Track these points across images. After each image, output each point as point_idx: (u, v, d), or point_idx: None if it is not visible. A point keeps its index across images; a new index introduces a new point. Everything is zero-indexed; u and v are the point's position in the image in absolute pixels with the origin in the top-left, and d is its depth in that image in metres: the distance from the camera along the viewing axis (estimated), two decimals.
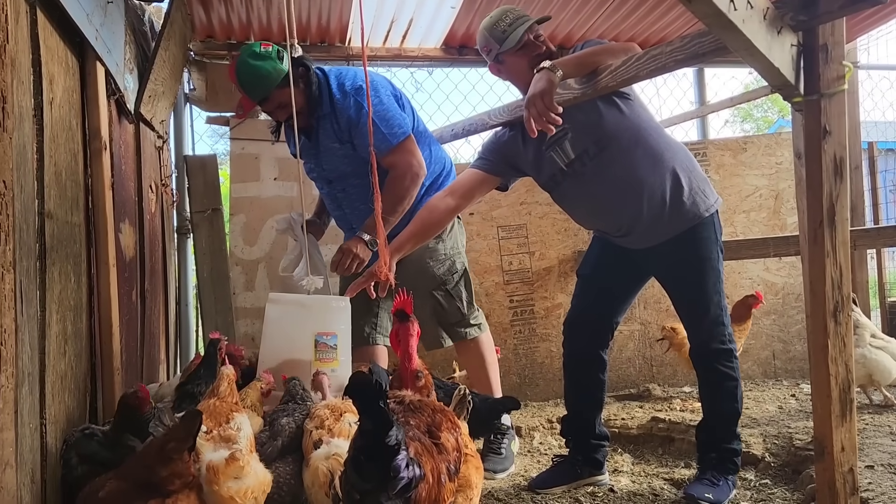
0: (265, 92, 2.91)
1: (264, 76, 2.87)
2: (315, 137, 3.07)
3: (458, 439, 1.58)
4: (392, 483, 1.30)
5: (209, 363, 2.40)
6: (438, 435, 1.53)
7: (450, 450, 1.53)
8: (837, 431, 1.51)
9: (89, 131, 2.49)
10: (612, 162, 2.54)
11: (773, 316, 4.50)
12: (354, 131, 2.95)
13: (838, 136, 1.54)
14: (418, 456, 1.40)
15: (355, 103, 2.93)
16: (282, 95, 2.90)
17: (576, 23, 4.27)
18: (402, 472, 1.31)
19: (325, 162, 3.09)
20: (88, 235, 2.47)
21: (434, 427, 1.54)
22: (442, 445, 1.51)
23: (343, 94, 2.96)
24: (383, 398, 1.29)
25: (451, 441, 1.55)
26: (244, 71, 2.88)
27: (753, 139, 4.65)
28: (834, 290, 1.51)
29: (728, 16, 1.26)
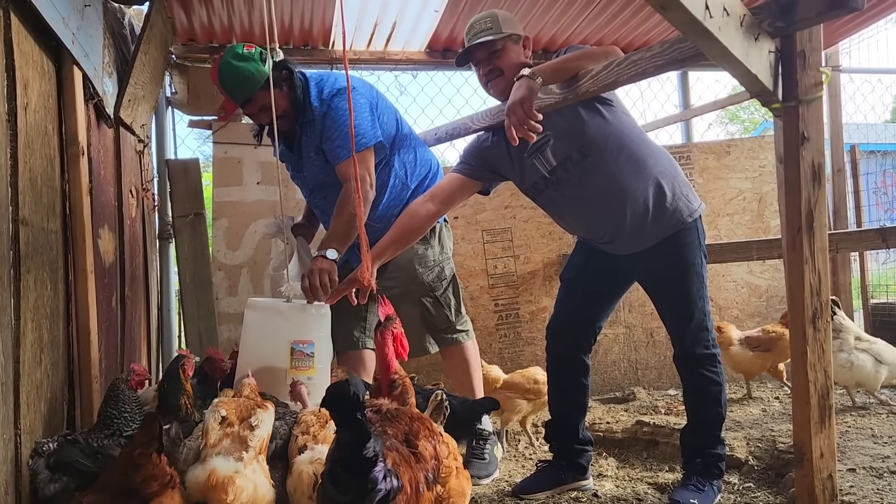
0: (248, 94, 2.87)
1: (247, 78, 2.83)
2: (297, 144, 3.04)
3: (436, 447, 1.56)
4: (370, 495, 1.29)
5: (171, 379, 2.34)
6: (416, 444, 1.52)
7: (427, 458, 1.52)
8: (816, 438, 1.51)
9: (66, 136, 2.45)
10: (595, 169, 2.54)
11: (757, 318, 4.52)
12: (324, 137, 2.92)
13: (816, 142, 1.53)
14: (396, 466, 1.38)
15: (327, 109, 2.90)
16: (265, 98, 2.86)
17: (559, 26, 4.27)
18: (380, 483, 1.29)
19: (305, 170, 3.07)
20: (66, 242, 2.43)
21: (412, 435, 1.53)
22: (420, 454, 1.50)
23: (320, 101, 2.93)
24: (360, 409, 1.28)
25: (429, 449, 1.53)
26: (227, 72, 2.84)
27: (737, 142, 4.67)
28: (812, 297, 1.51)
29: (703, 23, 1.26)
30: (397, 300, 3.07)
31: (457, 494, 1.97)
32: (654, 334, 4.37)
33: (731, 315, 4.49)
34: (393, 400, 1.76)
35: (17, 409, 1.93)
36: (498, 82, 2.70)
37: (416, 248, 3.05)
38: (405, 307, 3.07)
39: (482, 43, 2.65)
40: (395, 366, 1.94)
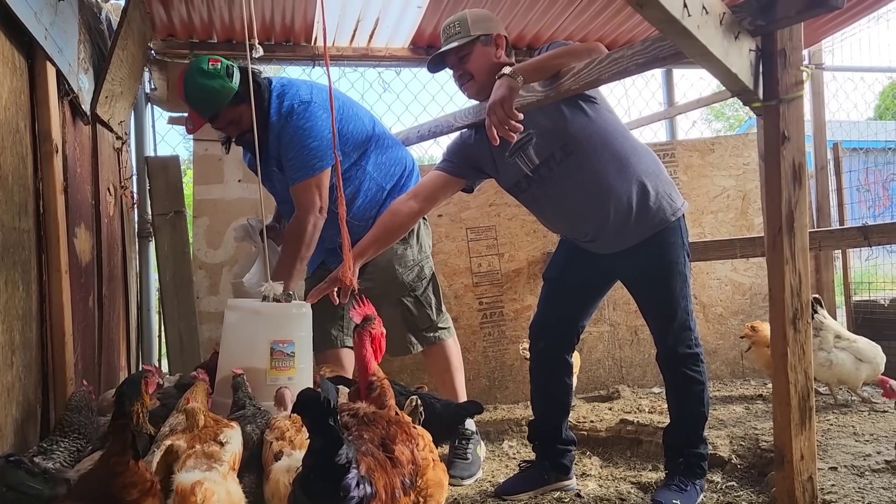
0: (215, 110, 2.83)
1: (212, 95, 2.78)
2: (265, 155, 2.93)
3: (413, 451, 1.54)
4: (342, 502, 1.26)
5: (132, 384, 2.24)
6: (392, 448, 1.49)
7: (404, 463, 1.49)
8: (797, 440, 1.50)
9: (39, 134, 2.41)
10: (578, 167, 2.52)
11: (740, 316, 4.52)
12: (283, 156, 2.87)
13: (797, 141, 1.52)
14: (371, 472, 1.36)
15: (282, 125, 2.83)
16: (232, 113, 2.83)
17: (543, 23, 4.25)
18: (353, 491, 1.26)
19: (268, 181, 3.05)
20: (39, 241, 2.39)
21: (388, 440, 1.50)
22: (396, 459, 1.48)
23: (278, 115, 2.86)
24: (332, 416, 1.25)
25: (406, 454, 1.51)
26: (193, 88, 2.78)
27: (721, 140, 4.67)
28: (793, 298, 1.50)
29: (682, 22, 1.23)
30: (377, 300, 3.04)
31: (434, 485, 1.96)
32: (639, 332, 4.36)
33: (715, 313, 4.50)
34: (371, 402, 1.73)
35: None
36: (469, 86, 2.72)
37: (396, 248, 3.02)
38: (386, 308, 3.05)
39: (450, 49, 2.67)
40: (374, 367, 1.92)
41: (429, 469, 2.02)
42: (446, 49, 2.68)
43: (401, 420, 1.66)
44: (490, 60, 2.65)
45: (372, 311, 2.14)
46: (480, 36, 2.65)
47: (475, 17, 2.69)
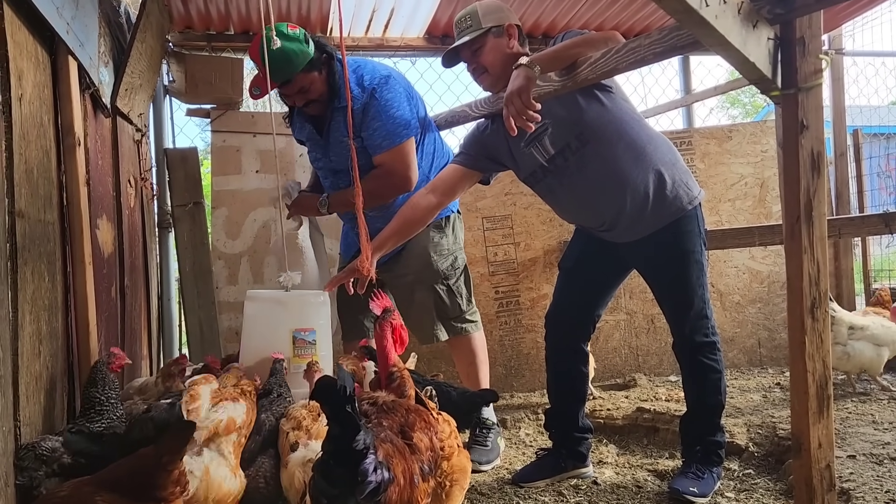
0: (289, 75, 2.82)
1: (290, 58, 2.78)
2: (327, 129, 3.01)
3: (432, 439, 1.56)
4: (360, 487, 1.29)
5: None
6: (411, 435, 1.52)
7: (423, 450, 1.51)
8: (814, 428, 1.50)
9: (62, 127, 2.44)
10: (594, 157, 2.52)
11: (758, 304, 4.51)
12: (364, 125, 2.90)
13: (816, 130, 1.51)
14: (389, 458, 1.38)
15: (370, 97, 2.88)
16: (304, 80, 2.85)
17: (559, 11, 4.23)
18: (370, 476, 1.29)
19: (332, 154, 3.03)
20: (63, 233, 2.43)
21: (407, 427, 1.53)
22: (415, 446, 1.50)
23: (361, 87, 2.90)
24: (350, 402, 1.28)
25: (425, 441, 1.53)
26: (271, 50, 2.74)
27: (738, 127, 4.63)
28: (811, 287, 1.50)
29: (700, 12, 1.23)
30: (411, 287, 3.09)
31: (459, 471, 2.01)
32: (655, 321, 4.36)
33: (733, 301, 4.49)
34: (391, 392, 1.76)
35: (17, 400, 1.93)
36: (483, 79, 2.74)
37: (432, 236, 3.05)
38: (419, 293, 3.08)
39: (463, 44, 2.68)
40: (394, 358, 1.94)
41: (454, 455, 2.06)
42: (459, 44, 2.69)
43: (420, 408, 1.68)
44: (503, 52, 2.66)
45: (390, 303, 2.15)
46: (492, 28, 2.65)
47: (486, 9, 2.69)
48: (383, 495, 1.33)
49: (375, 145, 2.91)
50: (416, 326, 3.17)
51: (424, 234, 2.95)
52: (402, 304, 3.17)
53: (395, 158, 2.90)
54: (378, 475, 1.31)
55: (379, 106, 2.88)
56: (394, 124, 2.89)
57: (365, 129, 2.90)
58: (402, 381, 1.81)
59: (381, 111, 2.87)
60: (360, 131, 2.92)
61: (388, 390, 1.77)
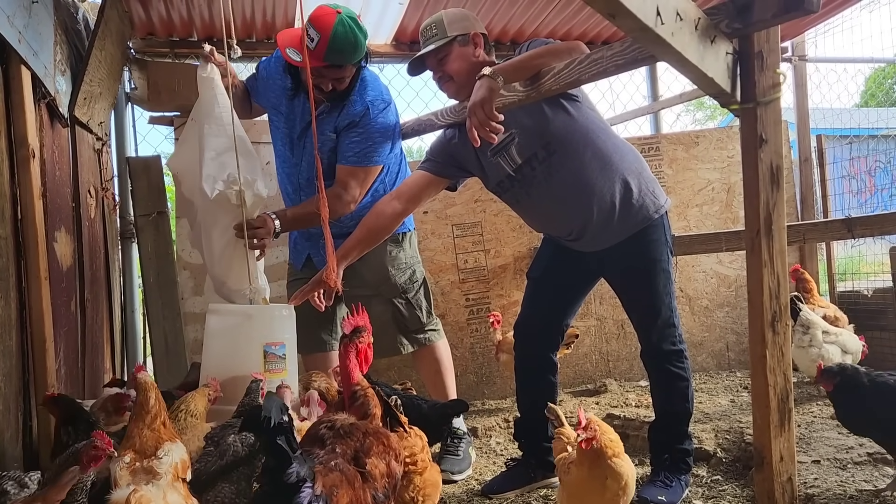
0: (346, 62, 2.78)
1: (357, 49, 2.76)
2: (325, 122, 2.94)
3: (390, 464, 1.53)
4: None
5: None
6: (365, 462, 1.48)
7: (377, 476, 1.48)
8: (776, 441, 1.51)
9: (15, 139, 2.38)
10: (560, 166, 2.52)
11: (726, 308, 4.55)
12: (345, 132, 2.89)
13: (775, 143, 1.52)
14: (333, 489, 1.35)
15: (364, 112, 2.88)
16: (346, 72, 2.83)
17: (527, 18, 4.23)
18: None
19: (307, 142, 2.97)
20: (17, 248, 2.36)
21: (362, 453, 1.50)
22: (368, 473, 1.47)
23: (360, 99, 2.90)
24: (280, 433, 1.26)
25: (381, 467, 1.50)
26: (345, 32, 2.68)
27: (705, 133, 4.68)
28: (772, 300, 1.50)
29: (655, 30, 1.23)
30: (368, 300, 3.04)
31: (431, 486, 2.01)
32: (626, 326, 4.37)
33: (701, 305, 4.52)
34: (353, 412, 1.72)
35: None
36: (448, 87, 2.73)
37: (389, 250, 3.03)
38: (377, 307, 3.05)
39: (428, 52, 2.67)
40: (357, 377, 1.90)
41: (426, 470, 2.04)
42: (424, 52, 2.67)
43: (379, 431, 1.64)
44: (469, 60, 2.64)
45: (365, 322, 2.10)
46: (458, 36, 2.64)
47: (451, 17, 2.67)
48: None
49: (345, 156, 2.89)
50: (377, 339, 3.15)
51: (381, 248, 2.93)
52: None
53: (356, 177, 2.90)
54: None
55: (367, 123, 2.88)
56: (371, 147, 2.89)
57: (344, 136, 2.90)
58: (364, 401, 1.78)
59: (368, 130, 2.88)
60: (337, 130, 2.91)
61: (351, 411, 1.73)
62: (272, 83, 3.05)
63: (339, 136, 2.91)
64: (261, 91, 3.12)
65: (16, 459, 2.21)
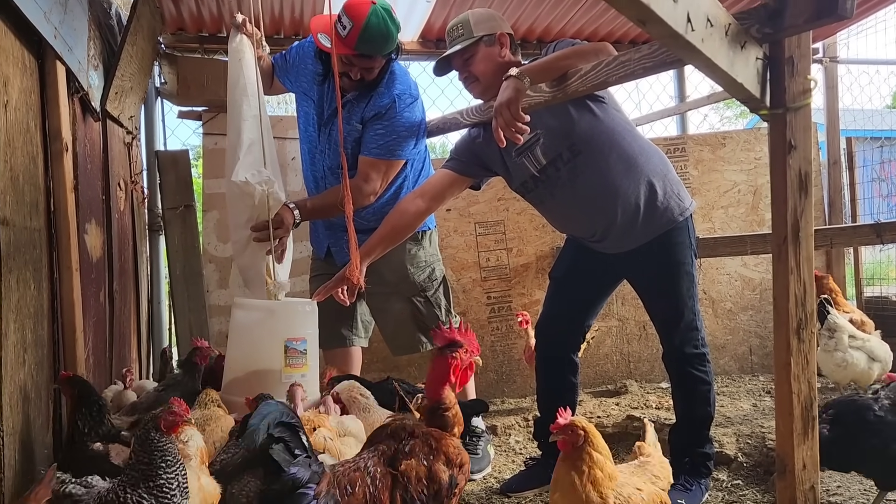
0: (377, 51, 2.79)
1: (389, 40, 2.78)
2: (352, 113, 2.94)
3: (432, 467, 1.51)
4: None
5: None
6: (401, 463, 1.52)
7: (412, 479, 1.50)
8: (799, 449, 1.50)
9: (49, 132, 2.43)
10: (585, 167, 2.51)
11: (750, 312, 4.51)
12: (370, 124, 2.89)
13: (804, 150, 1.51)
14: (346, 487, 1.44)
15: (391, 104, 2.87)
16: (376, 63, 2.83)
17: (553, 17, 4.22)
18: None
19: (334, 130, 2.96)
20: (50, 239, 2.42)
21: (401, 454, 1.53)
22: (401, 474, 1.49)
23: (388, 91, 2.89)
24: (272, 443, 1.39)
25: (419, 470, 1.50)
26: (377, 23, 2.70)
27: (732, 134, 4.63)
28: (797, 308, 1.49)
29: (685, 37, 1.22)
30: (387, 298, 3.07)
31: None
32: (647, 327, 4.35)
33: (724, 308, 4.48)
34: (430, 424, 1.68)
35: (0, 410, 1.92)
36: (474, 87, 2.73)
37: (409, 248, 3.03)
38: (396, 305, 3.07)
39: (454, 52, 2.67)
40: (443, 393, 1.75)
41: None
42: (450, 52, 2.68)
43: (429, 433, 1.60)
44: (495, 60, 2.65)
45: (459, 337, 1.86)
46: (483, 36, 2.64)
47: (478, 17, 2.68)
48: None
49: (368, 147, 2.90)
50: (391, 337, 3.18)
51: (401, 246, 2.92)
52: (379, 315, 3.16)
53: (378, 169, 2.90)
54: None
55: (393, 117, 2.88)
56: (395, 141, 2.89)
57: (369, 127, 2.90)
58: (444, 420, 1.68)
59: (393, 123, 2.87)
60: (364, 121, 2.91)
61: (428, 424, 1.68)
62: (303, 68, 3.06)
63: (365, 127, 2.91)
64: (289, 72, 3.12)
65: (46, 446, 2.26)
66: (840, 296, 4.05)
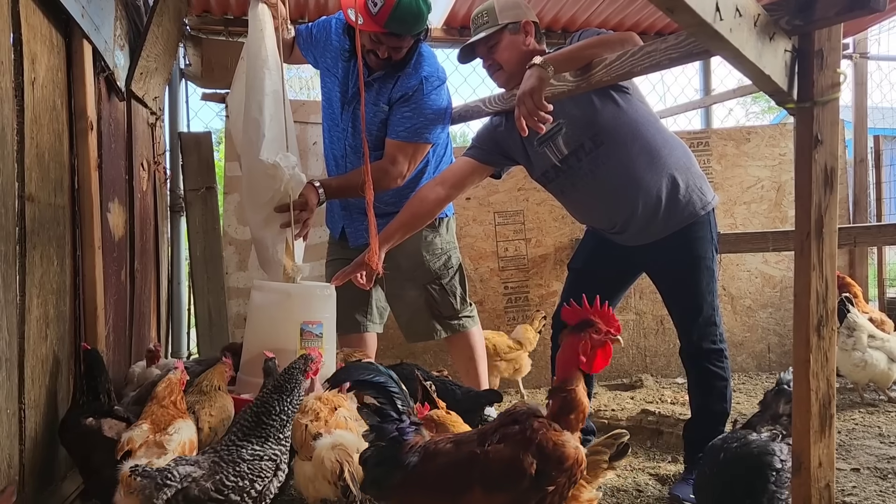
0: (407, 31, 2.76)
1: (420, 20, 2.75)
2: (369, 88, 2.91)
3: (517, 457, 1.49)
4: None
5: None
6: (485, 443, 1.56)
7: (491, 461, 1.52)
8: (816, 447, 1.49)
9: (75, 111, 2.45)
10: (608, 158, 2.49)
11: (769, 309, 4.47)
12: (397, 106, 2.88)
13: (830, 145, 1.48)
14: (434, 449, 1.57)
15: (418, 86, 2.86)
16: (405, 42, 2.81)
17: (579, 6, 4.19)
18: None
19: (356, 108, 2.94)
20: (73, 217, 2.44)
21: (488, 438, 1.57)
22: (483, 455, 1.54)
23: (416, 72, 2.88)
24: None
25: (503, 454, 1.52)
26: (409, 3, 2.67)
27: (757, 129, 4.58)
28: (818, 304, 1.47)
29: (714, 26, 1.20)
30: (402, 285, 3.08)
31: None
32: (665, 322, 4.33)
33: (744, 305, 4.45)
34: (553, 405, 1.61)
35: (22, 384, 1.96)
36: (498, 76, 2.72)
37: (425, 235, 3.03)
38: (411, 292, 3.07)
39: (478, 40, 2.66)
40: (570, 373, 1.63)
41: None
42: (475, 39, 2.66)
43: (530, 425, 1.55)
44: (519, 49, 2.63)
45: (594, 316, 1.70)
46: (508, 24, 2.62)
47: (503, 5, 2.66)
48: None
49: (395, 130, 2.88)
50: (406, 324, 3.19)
51: (417, 233, 2.92)
52: (394, 301, 3.17)
53: (405, 152, 2.88)
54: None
55: (420, 99, 2.86)
56: (423, 124, 2.88)
57: (396, 109, 2.88)
58: (566, 401, 1.59)
59: (420, 105, 2.86)
60: (391, 102, 2.90)
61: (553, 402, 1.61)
62: (329, 45, 3.03)
63: (392, 109, 2.89)
64: (314, 46, 3.09)
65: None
66: (860, 295, 4.00)
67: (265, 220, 2.68)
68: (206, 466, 1.72)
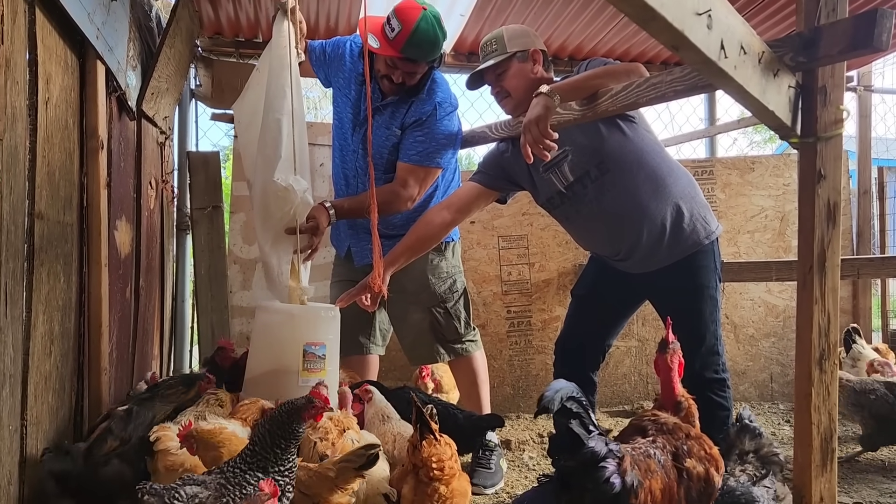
0: (423, 57, 2.81)
1: (436, 47, 2.80)
2: (382, 112, 2.96)
3: (708, 471, 1.60)
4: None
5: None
6: (684, 461, 1.60)
7: (694, 477, 1.58)
8: (817, 482, 1.48)
9: (86, 130, 2.48)
10: (613, 186, 2.51)
11: (772, 339, 4.46)
12: (410, 130, 2.90)
13: (833, 180, 1.50)
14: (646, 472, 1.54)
15: (432, 112, 2.90)
16: (420, 69, 2.85)
17: (587, 35, 4.23)
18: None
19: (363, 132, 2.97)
20: (81, 234, 2.46)
21: (682, 453, 1.63)
22: (686, 471, 1.59)
23: (429, 97, 2.92)
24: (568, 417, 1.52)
25: (699, 470, 1.59)
26: (426, 28, 2.72)
27: (761, 159, 4.60)
28: (821, 338, 1.48)
29: (718, 64, 1.23)
30: (406, 307, 3.08)
31: (459, 495, 2.03)
32: None
33: (747, 334, 4.44)
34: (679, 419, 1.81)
35: (25, 400, 1.96)
36: (506, 103, 2.75)
37: (430, 258, 3.04)
38: (415, 314, 3.08)
39: (487, 67, 2.69)
40: (680, 388, 1.94)
41: (454, 479, 2.06)
42: (483, 67, 2.70)
43: (701, 437, 1.71)
44: (527, 76, 2.67)
45: (672, 337, 2.09)
46: (517, 52, 2.66)
47: (512, 33, 2.70)
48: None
49: (407, 153, 2.91)
50: (410, 346, 3.18)
51: (423, 256, 2.94)
52: (398, 323, 3.17)
53: (416, 176, 2.90)
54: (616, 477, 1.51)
55: (433, 124, 2.90)
56: (435, 149, 2.90)
57: (409, 133, 2.91)
58: (689, 413, 1.84)
59: (433, 130, 2.89)
60: (403, 127, 2.93)
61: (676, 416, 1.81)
62: (343, 66, 3.06)
63: (404, 133, 2.92)
64: (327, 64, 3.11)
65: (67, 437, 2.30)
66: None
67: (273, 239, 2.69)
68: (213, 488, 1.71)
